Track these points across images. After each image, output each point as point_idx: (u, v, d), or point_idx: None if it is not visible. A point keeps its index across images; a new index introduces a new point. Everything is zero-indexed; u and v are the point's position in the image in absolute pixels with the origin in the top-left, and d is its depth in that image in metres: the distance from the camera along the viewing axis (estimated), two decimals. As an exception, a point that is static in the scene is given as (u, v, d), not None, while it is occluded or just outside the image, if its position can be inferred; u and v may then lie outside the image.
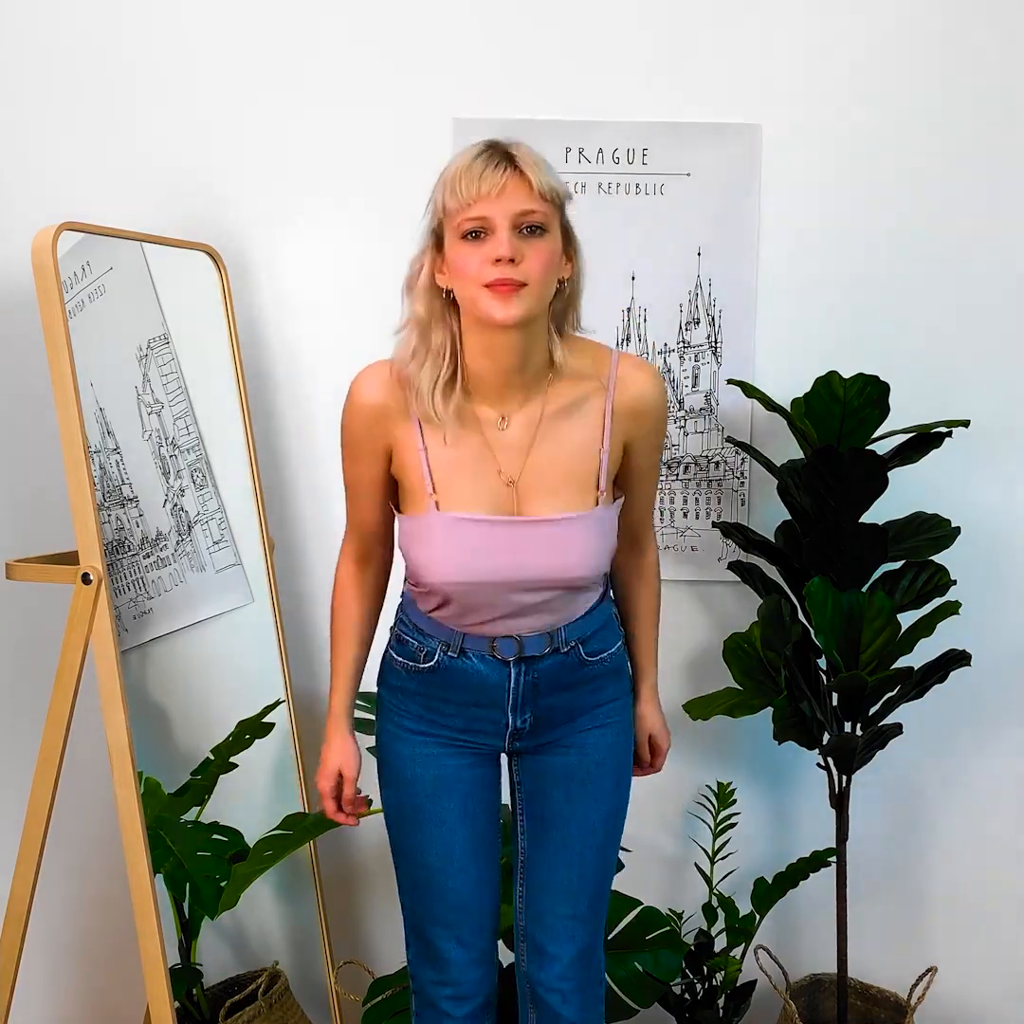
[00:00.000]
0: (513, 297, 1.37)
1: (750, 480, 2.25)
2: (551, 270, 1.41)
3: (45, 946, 2.33)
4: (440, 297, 1.46)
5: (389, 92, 2.19)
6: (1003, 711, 2.29)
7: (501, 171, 1.37)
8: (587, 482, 1.52)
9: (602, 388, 1.51)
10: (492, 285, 1.37)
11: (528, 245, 1.38)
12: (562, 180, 1.44)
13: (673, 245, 2.19)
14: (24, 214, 2.09)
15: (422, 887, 1.65)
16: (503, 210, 1.37)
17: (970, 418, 1.99)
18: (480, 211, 1.37)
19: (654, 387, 1.55)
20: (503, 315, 1.38)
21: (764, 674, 1.98)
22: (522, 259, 1.37)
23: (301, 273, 2.24)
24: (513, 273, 1.37)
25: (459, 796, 1.62)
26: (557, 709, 1.62)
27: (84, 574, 1.75)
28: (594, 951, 1.70)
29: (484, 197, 1.36)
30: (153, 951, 1.78)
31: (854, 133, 2.16)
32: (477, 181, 1.36)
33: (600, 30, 2.15)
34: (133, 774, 1.77)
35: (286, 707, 2.21)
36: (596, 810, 1.65)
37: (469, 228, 1.38)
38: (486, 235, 1.38)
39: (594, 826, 1.65)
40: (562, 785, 1.65)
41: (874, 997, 2.22)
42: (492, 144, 1.41)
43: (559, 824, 1.65)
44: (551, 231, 1.41)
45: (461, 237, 1.39)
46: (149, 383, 2.09)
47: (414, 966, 1.71)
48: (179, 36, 2.18)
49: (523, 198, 1.37)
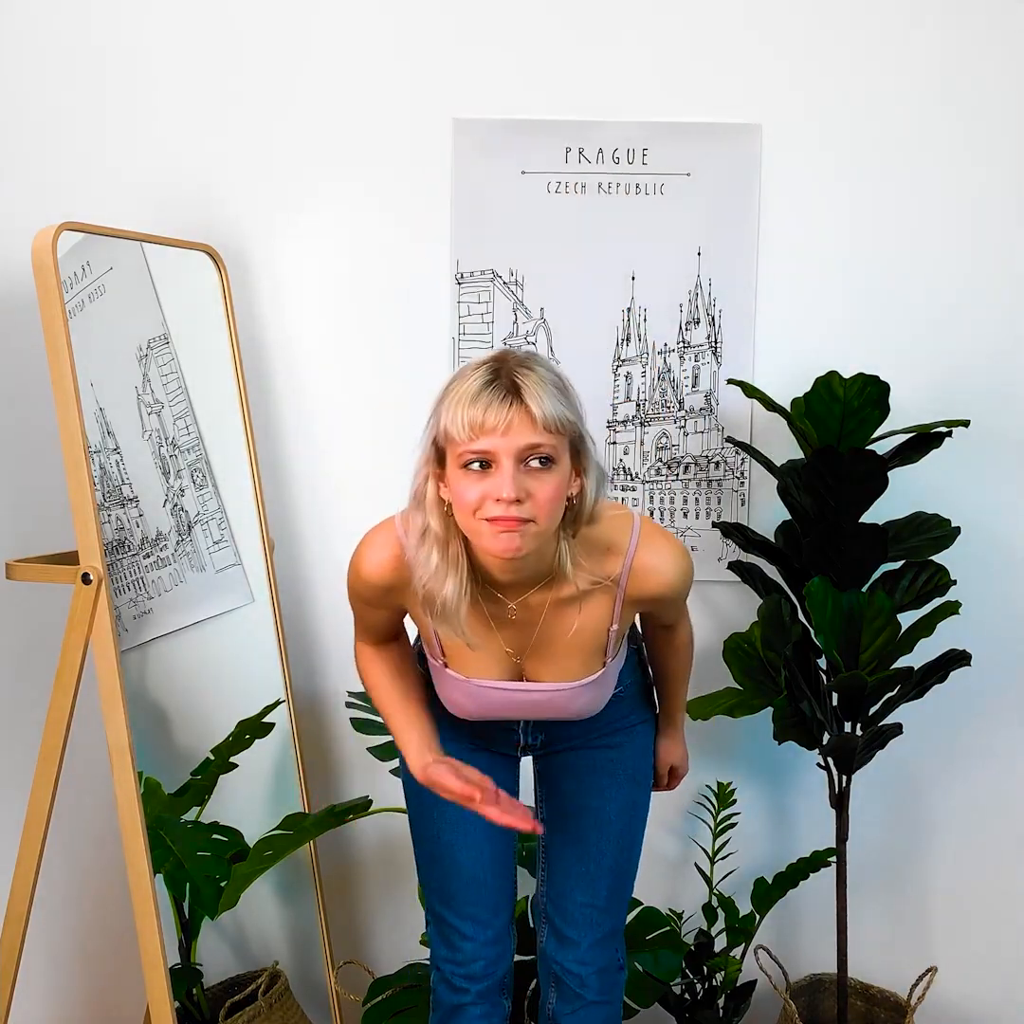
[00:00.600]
0: (517, 533, 1.32)
1: (750, 480, 2.25)
2: (558, 504, 1.35)
3: (45, 946, 2.33)
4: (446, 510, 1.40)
5: (389, 92, 2.19)
6: (1003, 711, 2.29)
7: (507, 406, 1.30)
8: (594, 654, 1.56)
9: (613, 583, 1.48)
10: (495, 521, 1.31)
11: (534, 479, 1.32)
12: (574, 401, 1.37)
13: (673, 245, 2.19)
14: (24, 214, 2.09)
15: (438, 862, 1.70)
16: (508, 446, 1.30)
17: (970, 418, 1.99)
18: (484, 446, 1.30)
19: (670, 582, 1.50)
20: (504, 548, 1.33)
21: (764, 674, 1.98)
22: (527, 496, 1.31)
23: (301, 273, 2.24)
24: (519, 511, 1.31)
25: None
26: (568, 735, 1.69)
27: (84, 574, 1.75)
28: (613, 937, 1.75)
29: (489, 432, 1.30)
30: (153, 951, 1.78)
31: (854, 133, 2.16)
32: (482, 415, 1.29)
33: (600, 30, 2.15)
34: (133, 774, 1.77)
35: (286, 707, 2.21)
36: (612, 802, 1.70)
37: (471, 459, 1.32)
38: (489, 467, 1.32)
39: (609, 817, 1.70)
40: (577, 778, 1.70)
41: (874, 997, 2.22)
42: (498, 368, 1.33)
43: (575, 815, 1.70)
44: (559, 462, 1.34)
45: (463, 466, 1.33)
46: (149, 383, 2.09)
47: (432, 942, 1.76)
48: (179, 36, 2.18)
49: (528, 433, 1.30)
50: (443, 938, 1.74)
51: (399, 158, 2.19)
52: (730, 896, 2.18)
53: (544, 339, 2.23)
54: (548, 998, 1.77)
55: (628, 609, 1.55)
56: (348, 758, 2.33)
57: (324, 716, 2.34)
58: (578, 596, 1.47)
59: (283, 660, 2.21)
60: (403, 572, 1.46)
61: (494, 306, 2.22)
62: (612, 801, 1.70)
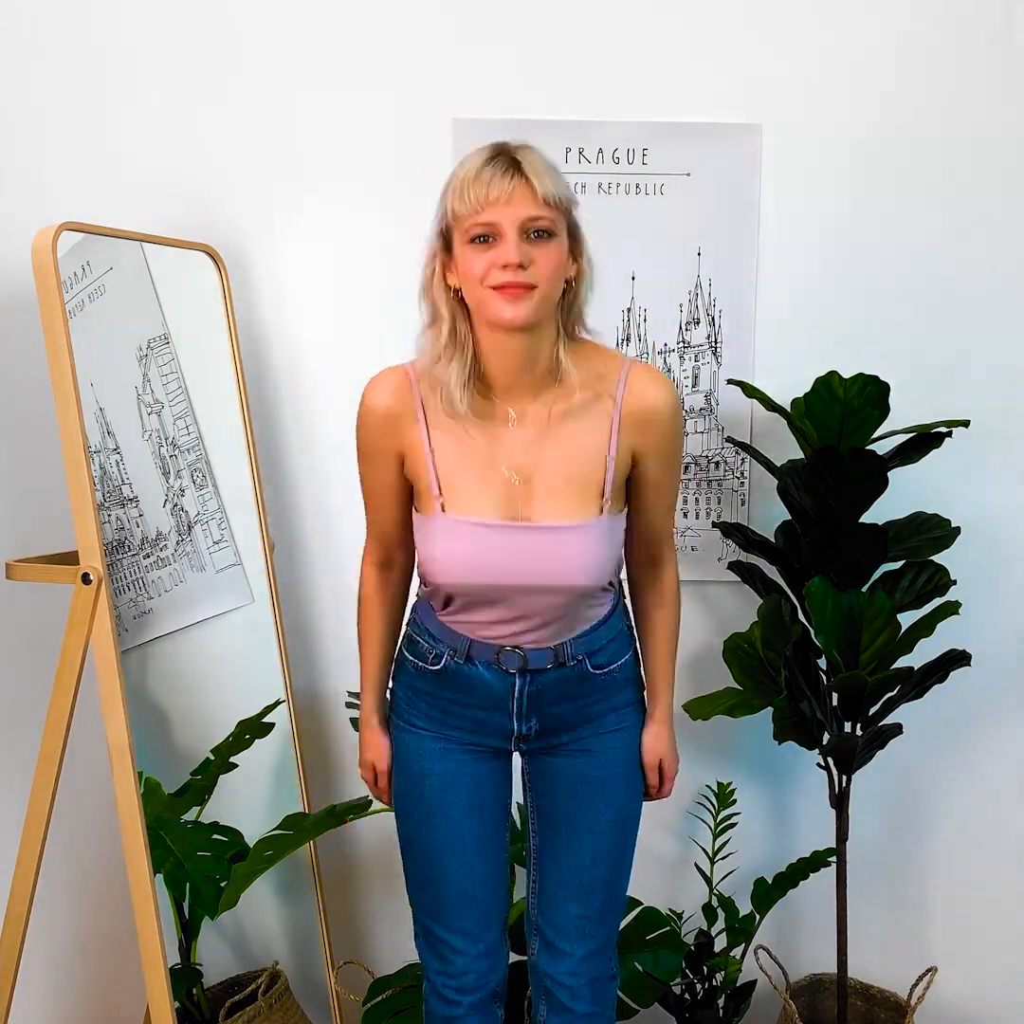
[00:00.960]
0: (522, 299, 1.41)
1: (750, 480, 2.25)
2: (559, 272, 1.45)
3: (45, 946, 2.33)
4: (452, 295, 1.50)
5: (389, 92, 2.19)
6: (1003, 711, 2.29)
7: (509, 178, 1.40)
8: (592, 489, 1.52)
9: (609, 396, 1.52)
10: (501, 288, 1.41)
11: (536, 249, 1.42)
12: (568, 184, 1.47)
13: (673, 245, 2.19)
14: (24, 214, 2.09)
15: (428, 878, 1.67)
16: (511, 217, 1.40)
17: (970, 418, 1.99)
18: (488, 217, 1.40)
19: (664, 401, 1.53)
20: (511, 315, 1.42)
21: (764, 674, 1.98)
22: (531, 263, 1.41)
23: (301, 273, 2.24)
24: (522, 277, 1.40)
25: (465, 790, 1.64)
26: (564, 718, 1.63)
27: (84, 574, 1.75)
28: (606, 948, 1.72)
29: (492, 204, 1.40)
30: (153, 951, 1.78)
31: (854, 133, 2.16)
32: (486, 188, 1.40)
33: (600, 30, 2.15)
34: (133, 774, 1.77)
35: (286, 707, 2.21)
36: (605, 812, 1.66)
37: (478, 233, 1.42)
38: (494, 240, 1.41)
39: (603, 828, 1.66)
40: (571, 787, 1.66)
41: (874, 997, 2.22)
42: (500, 149, 1.43)
43: (568, 825, 1.66)
44: (558, 234, 1.44)
45: (469, 241, 1.43)
46: (149, 383, 2.09)
47: (422, 955, 1.74)
48: (179, 36, 2.18)
49: (530, 205, 1.40)
50: (433, 951, 1.70)
51: (399, 158, 2.19)
52: (730, 896, 2.18)
53: (544, 339, 2.22)
54: (539, 1011, 1.74)
55: (625, 436, 1.51)
56: (348, 758, 2.33)
57: (324, 716, 2.34)
58: (576, 412, 1.51)
59: (283, 660, 2.21)
60: (407, 395, 1.54)
61: (494, 306, 2.21)
62: (607, 811, 1.66)
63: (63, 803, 1.85)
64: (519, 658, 1.58)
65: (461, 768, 1.64)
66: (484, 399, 1.52)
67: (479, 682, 1.60)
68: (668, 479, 1.60)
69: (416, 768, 1.66)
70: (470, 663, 1.60)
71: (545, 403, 1.52)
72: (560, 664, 1.59)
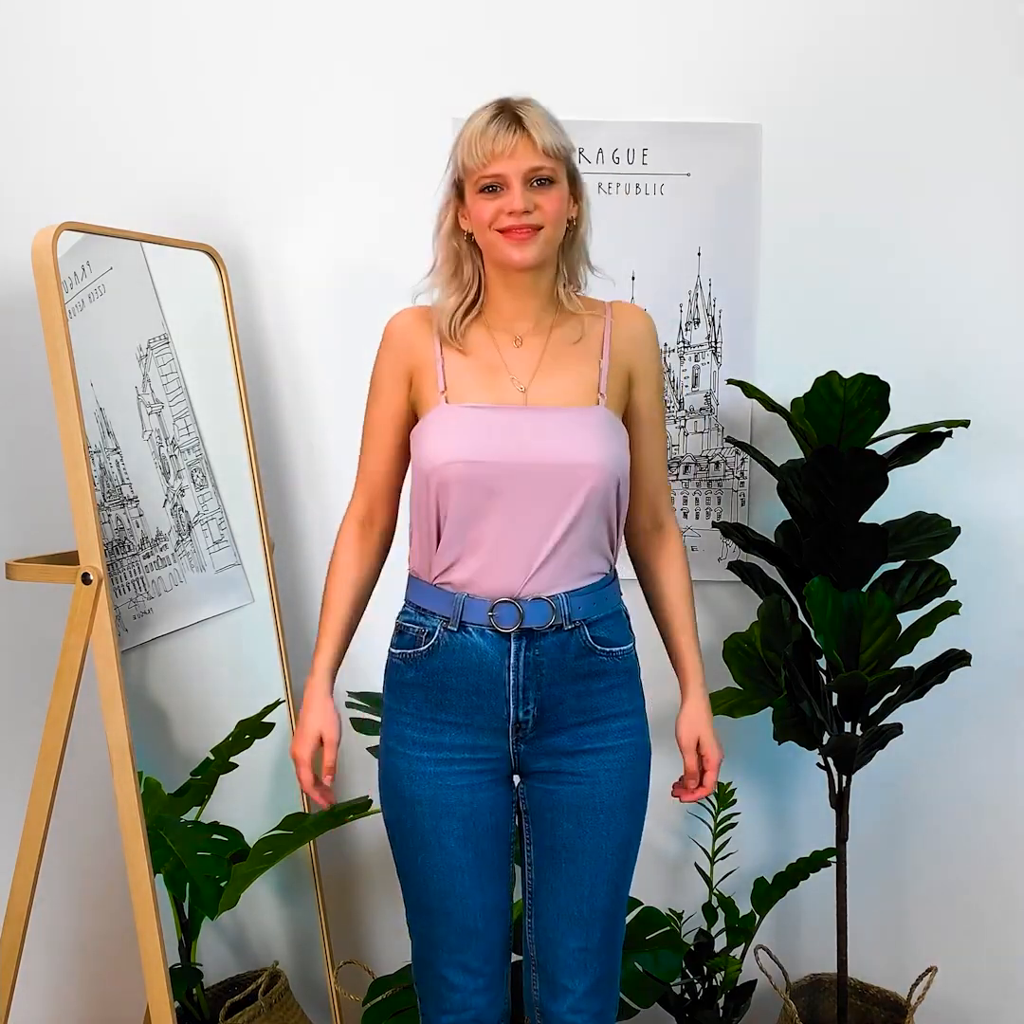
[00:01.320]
0: (528, 241, 1.55)
1: (750, 480, 2.25)
2: (561, 214, 1.58)
3: (45, 946, 2.33)
4: (464, 239, 1.63)
5: (389, 92, 2.19)
6: (1003, 711, 2.29)
7: (512, 133, 1.54)
8: (590, 387, 1.62)
9: (601, 319, 1.66)
10: (508, 232, 1.54)
11: (539, 195, 1.55)
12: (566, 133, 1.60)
13: (673, 245, 2.19)
14: (24, 214, 2.09)
15: (426, 910, 1.61)
16: (515, 168, 1.53)
17: (970, 418, 1.99)
18: (495, 169, 1.54)
19: (645, 322, 1.69)
20: (520, 257, 1.55)
21: (764, 674, 1.99)
22: (535, 208, 1.54)
23: (301, 273, 2.24)
24: (527, 220, 1.54)
25: (460, 819, 1.57)
26: (564, 705, 1.56)
27: (84, 574, 1.75)
28: (609, 980, 1.65)
29: (498, 157, 1.54)
30: (153, 951, 1.78)
31: (854, 133, 2.16)
32: (491, 143, 1.54)
33: (600, 30, 2.15)
34: (133, 774, 1.77)
35: (286, 707, 2.21)
36: (608, 840, 1.60)
37: (486, 183, 1.55)
38: (502, 189, 1.55)
39: (606, 856, 1.60)
40: (573, 816, 1.59)
41: (874, 997, 2.22)
42: (503, 106, 1.58)
43: (570, 856, 1.60)
44: (559, 180, 1.57)
45: (479, 191, 1.56)
46: (149, 383, 2.09)
47: (418, 990, 1.67)
48: (179, 36, 2.18)
49: (532, 156, 1.54)
50: (430, 988, 1.63)
51: (399, 158, 2.18)
52: (730, 896, 2.18)
53: (544, 339, 2.22)
54: None
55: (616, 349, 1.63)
56: (348, 758, 2.33)
57: (324, 716, 2.34)
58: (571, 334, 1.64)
59: (283, 660, 2.21)
60: (425, 323, 1.64)
61: (494, 306, 2.22)
62: (610, 839, 1.59)
63: (63, 803, 1.85)
64: (515, 611, 1.53)
65: (455, 795, 1.57)
66: (487, 330, 1.63)
67: (473, 651, 1.55)
68: (659, 413, 1.69)
69: (407, 794, 1.58)
70: (464, 631, 1.55)
71: (544, 329, 1.64)
72: (558, 627, 1.55)
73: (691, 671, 1.68)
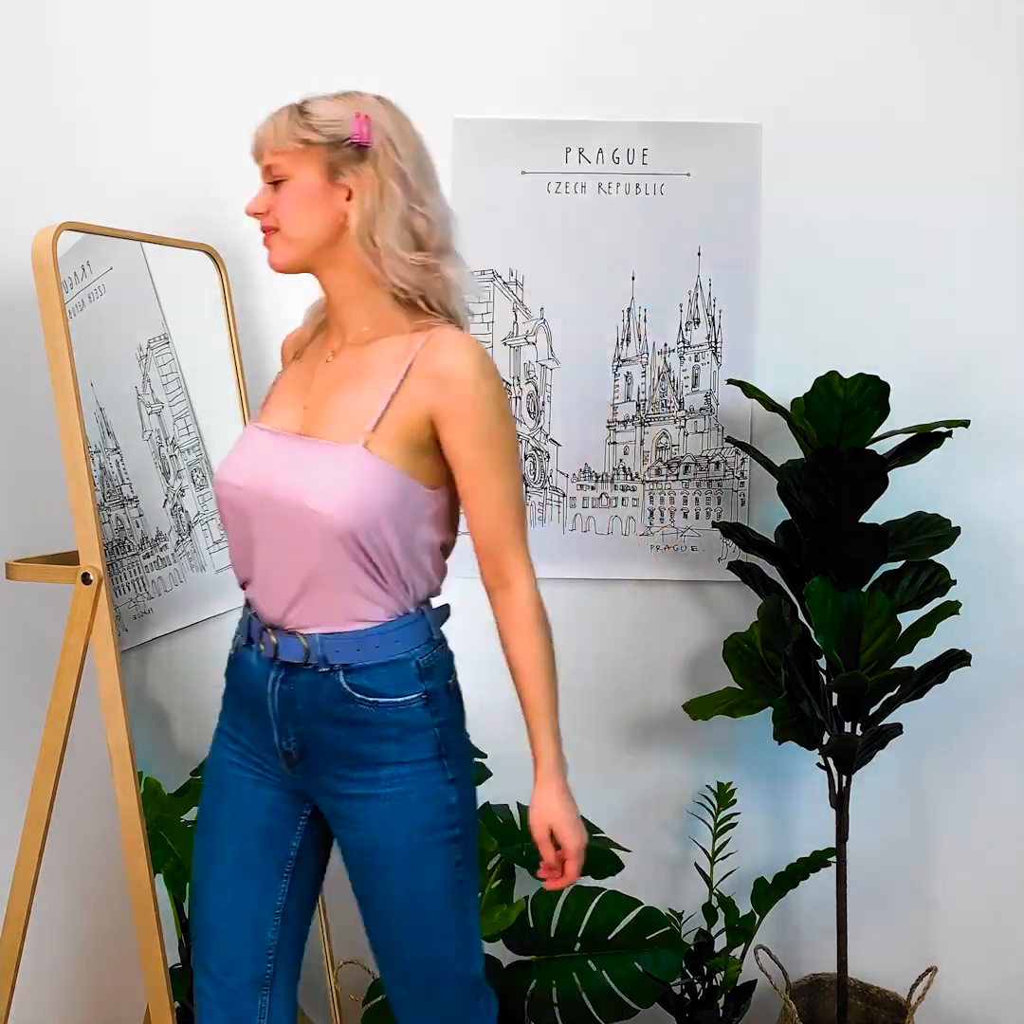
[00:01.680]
0: (269, 244, 1.49)
1: (750, 480, 2.25)
2: (297, 213, 1.45)
3: (45, 946, 2.33)
4: None
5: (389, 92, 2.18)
6: (1003, 711, 2.29)
7: (263, 129, 1.47)
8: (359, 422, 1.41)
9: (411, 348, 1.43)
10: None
11: (273, 195, 1.46)
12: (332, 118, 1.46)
13: (673, 245, 2.19)
14: (24, 214, 2.09)
15: (194, 896, 1.56)
16: (260, 167, 1.48)
17: (970, 418, 1.99)
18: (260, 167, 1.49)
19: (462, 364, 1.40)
20: (270, 261, 1.50)
21: (764, 674, 1.98)
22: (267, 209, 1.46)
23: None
24: (265, 222, 1.47)
25: (234, 809, 1.53)
26: (324, 745, 1.46)
27: (84, 574, 1.75)
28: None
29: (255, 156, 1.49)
30: (153, 951, 1.78)
31: (854, 133, 2.16)
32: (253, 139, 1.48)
33: (600, 30, 2.15)
34: (133, 774, 1.77)
35: (286, 707, 2.20)
36: (392, 889, 1.47)
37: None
38: None
39: (396, 906, 1.48)
40: (356, 861, 1.50)
41: (874, 997, 2.22)
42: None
43: (367, 903, 1.52)
44: (295, 177, 1.44)
45: None
46: (149, 383, 2.09)
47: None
48: (179, 36, 2.18)
49: (265, 155, 1.46)
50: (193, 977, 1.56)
51: (399, 158, 2.18)
52: (730, 896, 2.18)
53: (544, 339, 2.23)
54: None
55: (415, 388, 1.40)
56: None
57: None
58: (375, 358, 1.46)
59: (283, 660, 2.21)
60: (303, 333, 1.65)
61: (494, 306, 2.22)
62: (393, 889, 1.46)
63: (63, 803, 1.84)
64: (271, 641, 1.46)
65: (238, 785, 1.52)
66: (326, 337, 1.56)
67: (246, 668, 1.51)
68: (484, 461, 1.41)
69: (206, 774, 1.58)
70: (248, 647, 1.51)
71: (358, 345, 1.48)
72: (312, 668, 1.44)
73: (540, 755, 1.45)
